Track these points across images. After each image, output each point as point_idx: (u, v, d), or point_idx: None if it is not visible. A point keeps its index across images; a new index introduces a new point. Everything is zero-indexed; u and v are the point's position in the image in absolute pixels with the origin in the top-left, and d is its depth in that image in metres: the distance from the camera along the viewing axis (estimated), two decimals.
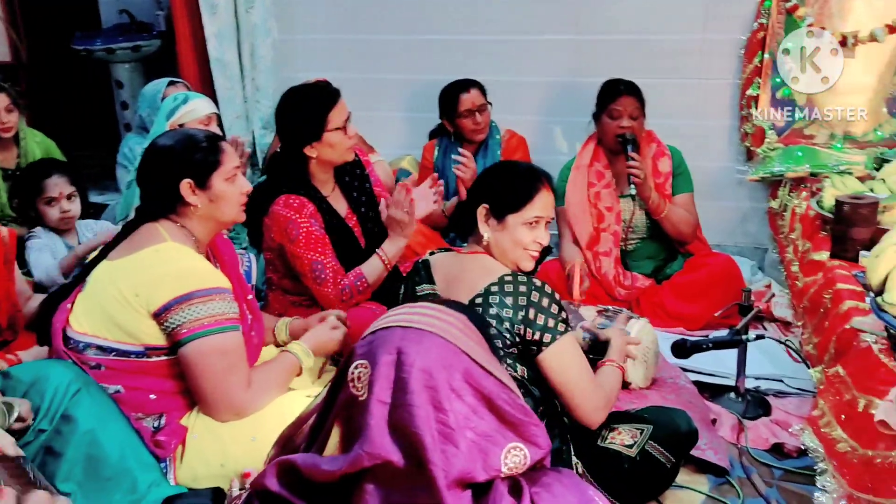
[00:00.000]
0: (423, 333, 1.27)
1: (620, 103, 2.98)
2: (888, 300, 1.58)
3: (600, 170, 3.12)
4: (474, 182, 1.92)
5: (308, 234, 2.35)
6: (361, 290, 2.38)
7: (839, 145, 3.39)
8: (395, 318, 1.30)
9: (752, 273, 3.47)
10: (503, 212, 1.81)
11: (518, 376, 1.75)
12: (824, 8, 3.31)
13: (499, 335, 1.71)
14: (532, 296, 1.71)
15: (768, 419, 2.37)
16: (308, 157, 2.40)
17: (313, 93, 2.42)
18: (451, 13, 3.77)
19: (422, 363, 1.26)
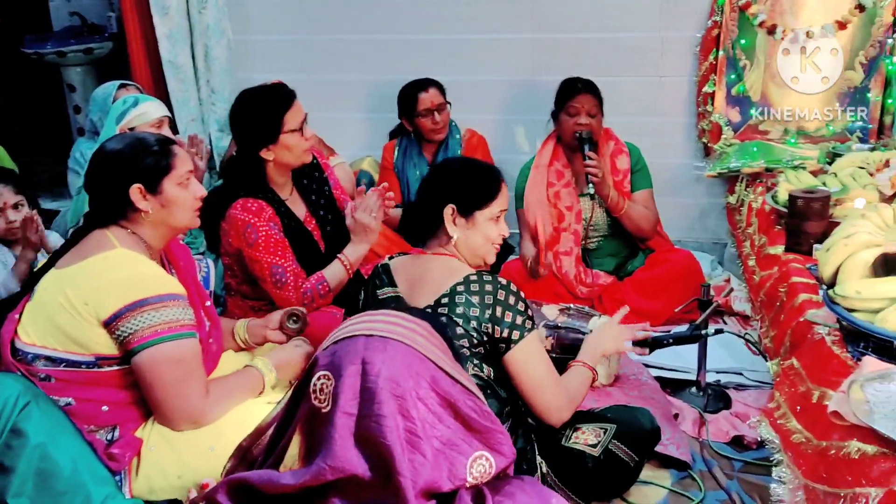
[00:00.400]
0: (387, 341, 1.25)
1: (578, 101, 2.99)
2: (839, 293, 1.61)
3: (560, 169, 3.13)
4: (428, 185, 1.88)
5: (267, 237, 2.32)
6: (323, 294, 2.35)
7: (793, 140, 3.45)
8: (357, 327, 1.28)
9: (712, 268, 3.51)
10: (471, 209, 1.82)
11: (485, 377, 1.74)
12: (776, 5, 3.37)
13: (466, 335, 1.70)
14: (499, 294, 1.71)
15: (729, 412, 2.40)
16: (265, 160, 2.37)
17: (268, 95, 2.39)
18: (410, 13, 3.75)
19: (387, 372, 1.25)
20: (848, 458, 1.33)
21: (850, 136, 3.40)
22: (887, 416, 1.33)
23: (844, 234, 1.66)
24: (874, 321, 1.54)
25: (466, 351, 1.70)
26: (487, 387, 1.74)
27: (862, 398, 1.38)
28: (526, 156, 3.38)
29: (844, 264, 1.64)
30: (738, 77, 3.48)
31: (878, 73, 3.34)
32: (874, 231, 1.65)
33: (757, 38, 3.42)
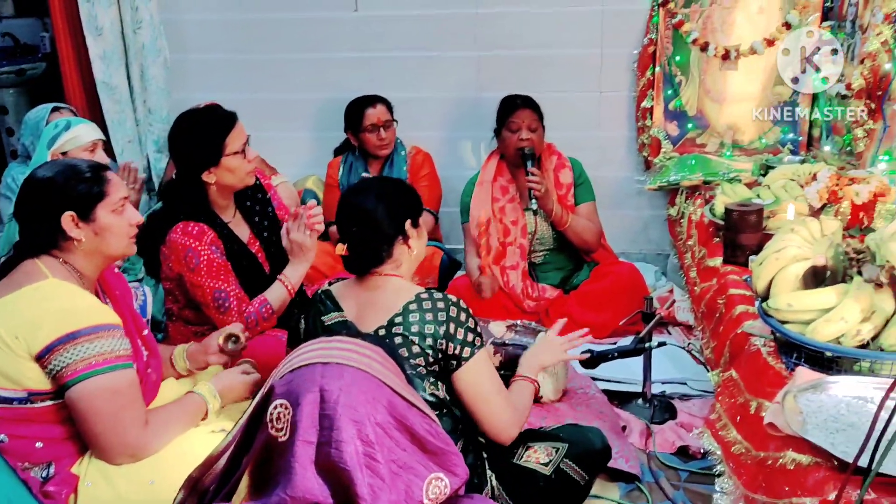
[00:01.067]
0: (344, 368, 1.24)
1: (518, 116, 3.03)
2: (772, 305, 1.65)
3: (504, 184, 3.17)
4: (375, 214, 1.80)
5: (209, 262, 2.27)
6: (266, 317, 2.32)
7: (729, 153, 3.55)
8: (313, 355, 1.26)
9: (656, 279, 3.58)
10: (417, 217, 1.85)
11: (440, 395, 1.73)
12: (707, 23, 3.47)
13: (422, 353, 1.69)
14: (450, 311, 1.72)
15: (674, 422, 2.45)
16: (206, 183, 2.33)
17: (209, 117, 2.34)
18: (353, 32, 3.75)
19: (346, 398, 1.23)
20: (784, 469, 1.37)
21: (781, 149, 3.52)
22: (819, 426, 1.37)
23: (775, 249, 1.71)
24: (805, 332, 1.58)
25: (423, 369, 1.70)
26: (442, 405, 1.74)
27: (795, 409, 1.41)
28: (472, 171, 3.40)
29: (776, 278, 1.68)
30: (674, 92, 3.57)
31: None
32: (803, 245, 1.71)
33: (691, 54, 3.52)
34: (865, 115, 2.87)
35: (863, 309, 1.55)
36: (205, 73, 3.84)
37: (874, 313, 1.55)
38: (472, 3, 3.64)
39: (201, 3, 3.80)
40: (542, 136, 3.09)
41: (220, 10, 3.80)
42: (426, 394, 1.70)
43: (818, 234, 1.76)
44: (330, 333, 1.76)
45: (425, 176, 3.50)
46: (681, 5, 3.46)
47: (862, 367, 1.52)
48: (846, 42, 3.22)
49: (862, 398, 1.45)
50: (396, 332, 1.69)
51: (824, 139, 3.41)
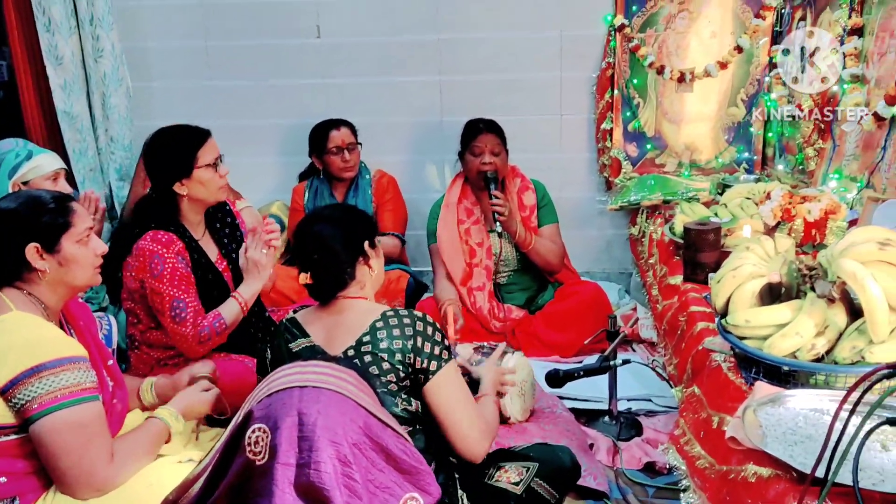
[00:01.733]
0: (321, 391, 1.25)
1: (481, 141, 3.08)
2: (730, 322, 1.70)
3: (469, 207, 3.21)
4: (334, 241, 1.81)
5: (173, 270, 2.29)
6: (220, 332, 2.33)
7: (687, 173, 3.65)
8: (290, 379, 1.28)
9: (620, 297, 3.64)
10: (374, 238, 1.89)
11: (413, 410, 1.75)
12: (663, 48, 3.58)
13: (392, 369, 1.70)
14: (416, 325, 1.74)
15: (640, 439, 2.49)
16: (178, 196, 2.37)
17: (183, 131, 2.41)
18: (316, 58, 3.78)
19: (324, 421, 1.25)
20: (746, 482, 1.40)
21: (737, 168, 3.63)
22: (778, 438, 1.41)
23: (732, 267, 1.77)
24: (763, 347, 1.63)
25: (394, 385, 1.71)
26: (416, 421, 1.75)
27: (755, 422, 1.45)
28: (437, 194, 3.44)
29: (733, 295, 1.74)
30: (633, 114, 3.67)
31: (758, 108, 3.59)
32: (758, 262, 1.76)
33: (648, 77, 3.62)
34: (815, 135, 2.98)
35: (816, 324, 1.60)
36: (168, 100, 3.83)
37: (827, 328, 1.61)
38: (434, 29, 3.70)
39: (164, 31, 3.81)
40: (506, 159, 3.14)
41: (183, 38, 3.81)
42: (399, 410, 1.71)
43: (772, 252, 1.82)
44: (296, 359, 1.78)
45: (390, 199, 3.53)
46: (636, 30, 3.56)
47: (818, 381, 1.57)
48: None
49: (818, 410, 1.50)
50: (365, 350, 1.71)
51: (778, 158, 3.53)
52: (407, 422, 1.72)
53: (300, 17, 3.72)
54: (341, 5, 3.70)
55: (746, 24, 3.48)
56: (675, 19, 3.54)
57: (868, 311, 1.51)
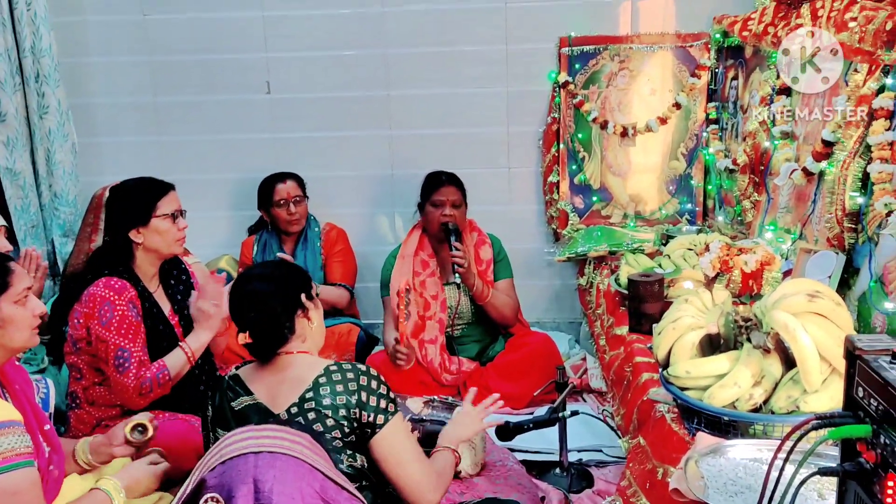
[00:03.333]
0: (276, 456, 1.23)
1: (442, 193, 3.11)
2: (672, 373, 1.74)
3: (425, 259, 3.22)
4: (269, 299, 1.81)
5: (122, 318, 2.26)
6: (162, 383, 2.29)
7: (632, 224, 3.74)
8: (244, 444, 1.25)
9: (570, 346, 3.68)
10: (310, 290, 1.89)
11: (359, 466, 1.72)
12: (606, 103, 3.71)
13: (337, 425, 1.68)
14: (361, 379, 1.72)
15: (592, 490, 2.49)
16: (133, 245, 2.37)
17: (146, 181, 2.45)
18: (266, 113, 3.81)
19: (280, 487, 1.23)
20: None
21: (680, 219, 3.74)
22: (719, 490, 1.44)
23: (672, 318, 1.82)
24: (703, 398, 1.67)
25: (339, 442, 1.69)
26: (362, 477, 1.73)
27: (697, 474, 1.48)
28: (388, 247, 3.46)
29: (674, 346, 1.78)
30: (578, 167, 3.77)
31: (697, 161, 3.72)
32: (697, 314, 1.82)
33: (592, 132, 3.73)
34: (751, 188, 3.10)
35: (753, 374, 1.65)
36: (116, 156, 3.81)
37: (764, 377, 1.66)
38: (384, 85, 3.76)
39: (111, 88, 3.80)
40: (465, 212, 3.19)
41: (131, 94, 3.81)
42: (345, 466, 1.69)
43: (710, 304, 1.87)
44: (241, 418, 1.75)
45: (340, 252, 3.53)
46: (580, 87, 3.68)
47: (756, 431, 1.61)
48: (730, 121, 3.50)
49: (757, 460, 1.53)
50: (309, 407, 1.69)
51: (718, 209, 3.65)
52: (354, 478, 1.70)
53: (250, 74, 3.76)
54: (291, 62, 3.75)
55: (683, 82, 3.64)
56: (616, 77, 3.68)
57: (800, 360, 1.57)
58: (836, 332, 1.61)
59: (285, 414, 1.69)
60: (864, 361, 1.10)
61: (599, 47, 3.64)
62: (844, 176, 2.24)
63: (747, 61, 3.27)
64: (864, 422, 1.09)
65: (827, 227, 2.34)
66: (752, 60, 3.22)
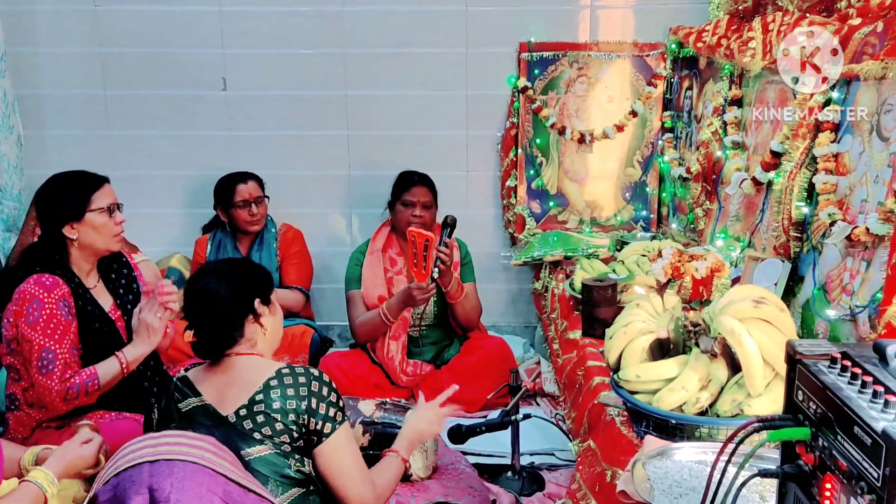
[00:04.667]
0: (174, 464, 1.19)
1: (414, 193, 3.11)
2: (622, 377, 1.76)
3: (393, 256, 3.21)
4: (217, 298, 1.77)
5: (50, 317, 2.17)
6: (90, 392, 2.21)
7: (588, 230, 3.78)
8: (139, 454, 1.21)
9: (525, 350, 3.70)
10: (268, 294, 1.84)
11: (307, 472, 1.70)
12: (564, 110, 3.74)
13: (286, 430, 1.66)
14: (312, 385, 1.70)
15: (543, 494, 2.50)
16: (68, 241, 2.28)
17: (79, 174, 2.34)
18: (221, 110, 3.75)
19: (177, 496, 1.18)
20: None
21: (635, 226, 3.79)
22: (665, 492, 1.46)
23: (623, 323, 1.84)
24: (652, 402, 1.69)
25: (288, 447, 1.67)
26: (310, 482, 1.70)
27: (644, 476, 1.50)
28: (346, 248, 3.44)
29: (625, 350, 1.80)
30: (536, 172, 3.79)
31: (652, 169, 3.78)
32: (647, 319, 1.84)
33: (550, 137, 3.76)
34: (703, 197, 3.15)
35: (700, 378, 1.68)
36: (63, 149, 3.70)
37: (710, 382, 1.68)
38: (343, 85, 3.74)
39: (60, 79, 3.70)
40: (436, 214, 3.18)
41: (80, 86, 3.71)
42: (292, 471, 1.66)
43: (661, 309, 1.90)
44: (188, 420, 1.72)
45: (296, 253, 3.49)
46: (539, 92, 3.71)
47: (702, 433, 1.64)
48: (684, 130, 3.56)
49: (702, 462, 1.55)
50: (258, 410, 1.66)
51: (671, 217, 3.71)
52: (302, 483, 1.68)
53: (206, 69, 3.69)
54: (248, 59, 3.70)
55: (640, 90, 3.69)
56: (574, 83, 3.72)
57: (745, 365, 1.60)
58: (779, 337, 1.64)
59: (233, 416, 1.66)
60: (804, 366, 1.12)
61: (558, 53, 3.67)
62: (791, 186, 2.30)
63: (701, 72, 3.33)
64: (803, 425, 1.11)
65: (774, 236, 2.39)
66: (706, 71, 3.28)
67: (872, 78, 1.99)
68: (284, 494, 1.65)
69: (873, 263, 1.95)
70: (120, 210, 2.34)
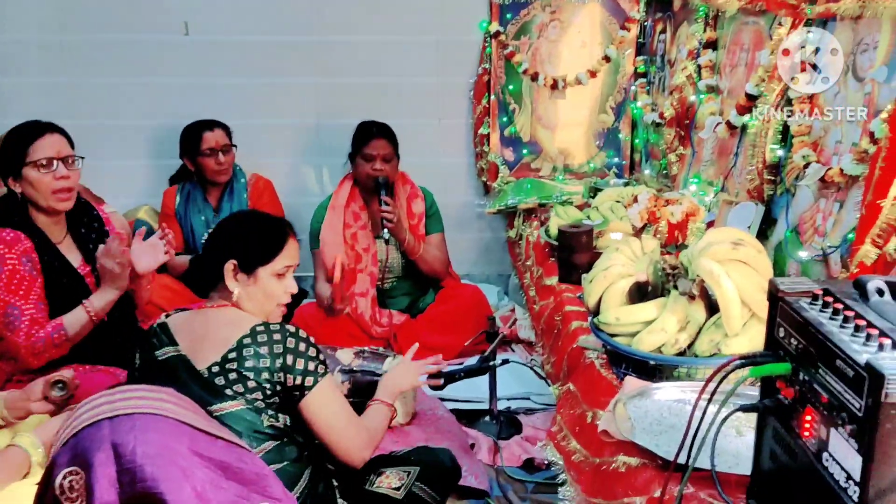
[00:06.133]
0: (135, 417, 1.16)
1: (373, 147, 3.03)
2: (602, 320, 1.78)
3: (356, 211, 3.16)
4: (214, 237, 1.82)
5: (13, 272, 2.12)
6: (58, 343, 2.17)
7: (561, 177, 3.77)
8: (96, 411, 1.17)
9: (499, 298, 3.72)
10: (253, 265, 1.77)
11: (281, 425, 1.70)
12: (536, 55, 3.69)
13: (259, 387, 1.65)
14: (288, 342, 1.68)
15: (520, 437, 2.54)
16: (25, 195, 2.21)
17: (23, 125, 2.23)
18: (185, 55, 3.63)
19: (144, 448, 1.15)
20: (617, 472, 1.46)
21: (608, 172, 3.79)
22: (646, 429, 1.48)
23: (603, 267, 1.84)
24: (632, 344, 1.71)
25: (261, 403, 1.66)
26: (284, 434, 1.70)
27: (625, 415, 1.52)
28: (315, 198, 3.38)
29: (605, 294, 1.81)
30: (509, 120, 3.75)
31: (625, 115, 3.77)
32: (626, 263, 1.85)
33: (523, 84, 3.72)
34: (677, 142, 3.16)
35: (679, 320, 1.70)
36: (19, 98, 3.56)
37: (689, 323, 1.71)
38: (310, 30, 3.63)
39: (14, 24, 3.54)
40: (397, 165, 3.12)
41: (36, 31, 3.55)
42: (265, 426, 1.66)
43: (639, 253, 1.91)
44: (163, 369, 1.70)
45: (266, 203, 3.43)
46: (511, 37, 3.65)
47: (680, 373, 1.67)
48: (658, 75, 3.54)
49: (681, 401, 1.58)
50: (230, 368, 1.65)
51: (644, 163, 3.72)
52: (275, 437, 1.68)
53: (165, 13, 3.56)
54: (211, 2, 3.57)
55: (613, 35, 3.65)
56: (547, 28, 3.66)
57: (723, 306, 1.62)
58: (756, 278, 1.66)
59: (206, 372, 1.65)
60: (786, 303, 1.13)
61: None
62: (766, 129, 2.31)
63: (676, 14, 3.30)
64: (784, 360, 1.13)
65: (748, 180, 2.41)
66: (680, 14, 3.25)
67: (849, 17, 1.98)
68: (258, 448, 1.65)
69: (846, 204, 1.98)
70: (68, 163, 2.21)
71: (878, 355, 0.94)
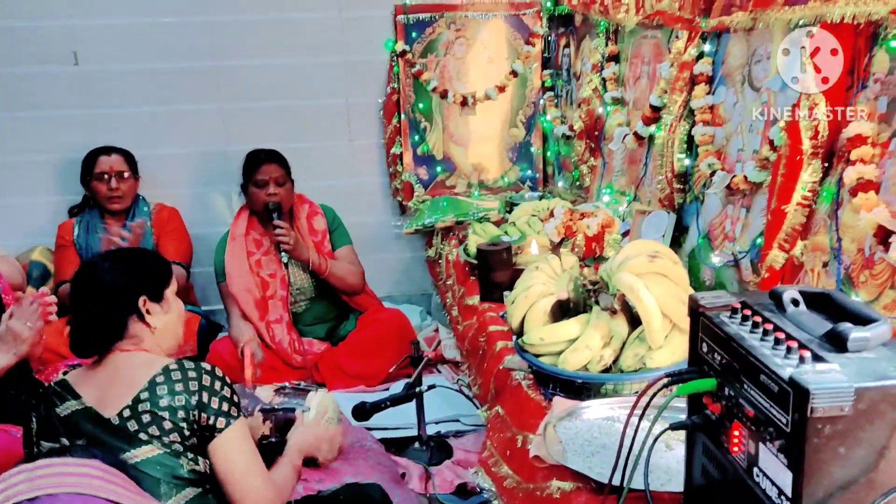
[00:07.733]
0: (57, 498, 1.05)
1: (263, 172, 2.99)
2: (527, 340, 1.76)
3: (257, 238, 3.10)
4: (96, 297, 1.64)
5: None
6: None
7: (476, 193, 3.77)
8: (13, 490, 1.06)
9: (422, 318, 3.67)
10: (160, 290, 1.71)
11: (202, 470, 1.59)
12: (444, 73, 3.68)
13: (176, 428, 1.54)
14: (203, 379, 1.59)
15: (451, 461, 2.49)
16: None
17: None
18: (75, 87, 3.44)
19: None
20: (551, 498, 1.43)
21: (522, 186, 3.82)
22: (577, 451, 1.46)
23: (524, 287, 1.83)
24: (558, 363, 1.70)
25: (179, 446, 1.56)
26: (206, 480, 1.60)
27: (555, 438, 1.50)
28: (224, 227, 3.26)
29: (527, 314, 1.79)
30: (420, 138, 3.73)
31: (536, 129, 3.81)
32: (547, 281, 1.84)
33: (433, 101, 3.70)
34: (588, 154, 3.20)
35: (602, 335, 1.70)
36: None
37: (612, 338, 1.70)
38: (210, 55, 3.51)
39: None
40: (291, 188, 3.07)
41: None
42: (185, 471, 1.56)
43: (559, 270, 1.90)
44: (67, 425, 1.58)
45: (172, 230, 3.30)
46: (418, 56, 3.63)
47: (608, 390, 1.66)
48: (565, 88, 3.59)
49: (610, 419, 1.57)
50: (143, 409, 1.54)
51: (557, 175, 3.76)
52: (196, 483, 1.58)
53: (53, 43, 3.36)
54: (101, 30, 3.39)
55: (519, 50, 3.68)
56: (453, 45, 3.66)
57: (645, 320, 1.62)
58: (674, 289, 1.68)
59: (116, 418, 1.54)
60: (707, 318, 1.13)
61: (435, 15, 3.60)
62: (672, 139, 2.36)
63: (577, 29, 3.35)
64: (708, 376, 1.13)
65: (659, 189, 2.45)
66: (581, 28, 3.31)
67: (742, 29, 2.05)
68: (179, 495, 1.55)
69: (752, 210, 2.03)
70: None
71: (800, 369, 0.94)
